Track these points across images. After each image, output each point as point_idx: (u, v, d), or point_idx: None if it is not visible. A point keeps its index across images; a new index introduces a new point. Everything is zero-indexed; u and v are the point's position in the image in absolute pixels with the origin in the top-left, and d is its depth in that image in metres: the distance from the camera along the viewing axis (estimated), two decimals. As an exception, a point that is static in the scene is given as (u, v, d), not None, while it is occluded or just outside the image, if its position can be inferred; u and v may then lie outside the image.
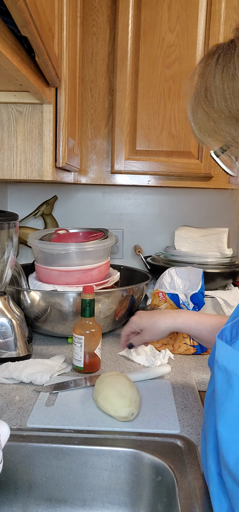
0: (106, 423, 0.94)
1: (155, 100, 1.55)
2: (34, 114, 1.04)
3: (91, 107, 1.61)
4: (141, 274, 1.66)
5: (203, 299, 1.42)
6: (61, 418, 0.95)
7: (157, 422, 0.94)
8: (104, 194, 1.91)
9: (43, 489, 0.87)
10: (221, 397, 0.58)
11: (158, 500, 0.82)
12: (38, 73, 0.88)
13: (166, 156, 1.58)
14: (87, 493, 0.87)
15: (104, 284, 1.42)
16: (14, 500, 0.87)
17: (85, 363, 1.18)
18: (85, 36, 1.57)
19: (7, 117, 1.05)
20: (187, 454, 0.84)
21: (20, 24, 0.62)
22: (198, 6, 1.51)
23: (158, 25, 1.51)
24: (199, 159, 1.58)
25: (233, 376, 0.55)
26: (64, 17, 1.06)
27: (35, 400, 1.03)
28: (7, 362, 1.19)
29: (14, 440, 0.86)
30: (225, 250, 1.67)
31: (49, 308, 1.33)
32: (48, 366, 1.17)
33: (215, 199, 1.91)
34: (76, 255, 1.37)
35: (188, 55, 1.53)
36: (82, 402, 1.02)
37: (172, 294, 1.42)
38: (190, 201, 1.92)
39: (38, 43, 0.72)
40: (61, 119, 1.10)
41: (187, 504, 0.72)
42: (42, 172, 1.06)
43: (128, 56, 1.52)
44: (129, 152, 1.58)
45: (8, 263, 1.23)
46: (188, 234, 1.70)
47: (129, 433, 0.91)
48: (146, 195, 1.92)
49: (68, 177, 1.44)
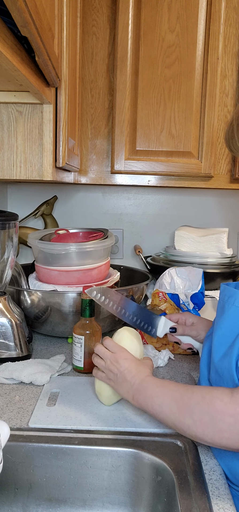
0: (108, 422, 0.94)
1: (155, 100, 1.55)
2: (34, 114, 1.04)
3: (91, 107, 1.61)
4: (141, 274, 1.66)
5: (203, 299, 1.42)
6: (63, 418, 0.95)
7: (157, 422, 0.94)
8: (104, 194, 1.91)
9: (43, 489, 0.87)
10: (218, 318, 0.87)
11: (158, 500, 0.82)
12: (38, 73, 0.88)
13: (166, 156, 1.58)
14: (87, 493, 0.87)
15: (104, 284, 1.42)
16: (14, 500, 0.87)
17: (85, 363, 1.18)
18: (85, 36, 1.57)
19: (7, 117, 1.05)
20: (187, 454, 0.84)
21: (20, 24, 0.62)
22: (198, 6, 1.51)
23: (158, 25, 1.51)
24: (199, 159, 1.58)
25: (225, 303, 0.85)
26: (64, 17, 1.06)
27: (36, 400, 1.03)
28: (7, 362, 1.19)
29: (14, 440, 0.86)
30: (225, 250, 1.67)
31: (49, 308, 1.33)
32: (48, 366, 1.17)
33: (215, 199, 1.91)
34: (76, 255, 1.37)
35: (188, 55, 1.53)
36: (84, 402, 1.02)
37: (172, 294, 1.42)
38: (190, 201, 1.92)
39: (38, 43, 0.72)
40: (61, 119, 1.10)
41: (187, 504, 0.72)
42: (42, 172, 1.06)
43: (128, 56, 1.52)
44: (129, 152, 1.58)
45: (8, 263, 1.23)
46: (188, 234, 1.70)
47: (129, 433, 0.91)
48: (146, 195, 1.92)
49: (68, 177, 1.44)
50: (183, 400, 0.78)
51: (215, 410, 0.73)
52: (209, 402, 0.74)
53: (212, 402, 0.73)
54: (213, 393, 0.75)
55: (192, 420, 0.75)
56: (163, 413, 0.80)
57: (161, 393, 0.82)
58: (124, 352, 0.94)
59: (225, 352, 0.82)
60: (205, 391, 0.77)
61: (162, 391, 0.82)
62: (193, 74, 1.54)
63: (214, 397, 0.74)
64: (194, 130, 1.57)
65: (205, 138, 1.56)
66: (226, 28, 1.55)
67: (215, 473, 0.81)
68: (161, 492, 0.82)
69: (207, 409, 0.74)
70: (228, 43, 1.56)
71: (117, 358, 0.92)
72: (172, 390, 0.81)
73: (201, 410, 0.74)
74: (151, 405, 0.83)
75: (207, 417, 0.73)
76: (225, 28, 1.55)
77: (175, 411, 0.78)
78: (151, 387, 0.84)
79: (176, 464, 0.81)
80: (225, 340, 0.82)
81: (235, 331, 0.81)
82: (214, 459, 0.85)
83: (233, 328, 0.82)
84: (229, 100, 1.59)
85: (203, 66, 1.54)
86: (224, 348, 0.82)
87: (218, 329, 0.85)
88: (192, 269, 1.52)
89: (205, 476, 0.79)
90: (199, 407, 0.75)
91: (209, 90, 1.54)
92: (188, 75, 1.54)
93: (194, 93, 1.55)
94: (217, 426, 0.73)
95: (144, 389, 0.85)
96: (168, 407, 0.79)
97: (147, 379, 0.86)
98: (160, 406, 0.81)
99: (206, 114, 1.55)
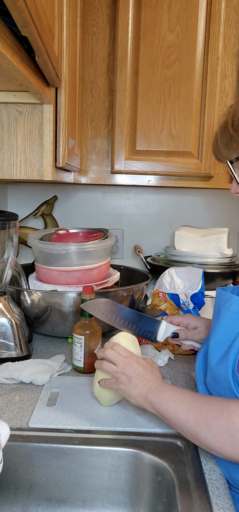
0: (108, 422, 0.94)
1: (155, 100, 1.55)
2: (34, 114, 1.04)
3: (91, 107, 1.61)
4: (141, 274, 1.66)
5: (203, 299, 1.42)
6: (63, 418, 0.95)
7: (157, 422, 0.94)
8: (104, 194, 1.91)
9: (43, 489, 0.87)
10: (214, 323, 0.87)
11: (158, 500, 0.82)
12: (38, 73, 0.88)
13: (166, 156, 1.58)
14: (87, 493, 0.87)
15: (104, 284, 1.42)
16: (14, 500, 0.87)
17: (85, 363, 1.18)
18: (85, 36, 1.57)
19: (7, 117, 1.05)
20: (187, 454, 0.84)
21: (20, 24, 0.62)
22: (198, 6, 1.51)
23: (158, 25, 1.51)
24: (199, 159, 1.58)
25: (221, 308, 0.85)
26: (64, 17, 1.06)
27: (36, 400, 1.03)
28: (7, 362, 1.19)
29: (14, 440, 0.86)
30: (225, 250, 1.67)
31: (49, 308, 1.33)
32: (48, 366, 1.17)
33: (215, 199, 1.91)
34: (76, 255, 1.37)
35: (188, 55, 1.53)
36: (84, 402, 1.03)
37: (172, 294, 1.42)
38: (190, 201, 1.92)
39: (38, 43, 0.72)
40: (61, 119, 1.10)
41: (187, 504, 0.72)
42: (42, 172, 1.06)
43: (128, 56, 1.52)
44: (129, 152, 1.58)
45: (8, 263, 1.23)
46: (188, 234, 1.70)
47: (129, 433, 0.91)
48: (146, 195, 1.92)
49: (68, 177, 1.44)
50: (201, 411, 0.76)
51: (234, 427, 0.71)
52: (228, 418, 0.72)
53: (231, 418, 0.72)
54: (231, 407, 0.73)
55: (209, 434, 0.74)
56: (179, 419, 0.79)
57: (179, 400, 0.80)
58: (137, 357, 0.94)
59: (221, 358, 0.81)
60: (222, 404, 0.75)
61: (180, 398, 0.81)
62: (193, 74, 1.54)
63: (232, 412, 0.72)
64: (194, 130, 1.57)
65: (205, 138, 1.56)
66: (226, 28, 1.55)
67: (215, 473, 0.81)
68: (161, 492, 0.82)
69: (225, 425, 0.72)
70: (228, 43, 1.56)
71: (132, 362, 0.92)
72: (189, 399, 0.80)
73: (220, 426, 0.73)
74: (166, 409, 0.81)
75: (226, 435, 0.72)
76: (225, 28, 1.54)
77: (192, 421, 0.77)
78: (169, 391, 0.83)
79: (176, 464, 0.81)
80: (221, 345, 0.82)
81: (231, 336, 0.81)
82: (214, 459, 0.85)
83: (229, 334, 0.81)
84: (229, 100, 1.59)
85: (203, 66, 1.54)
86: (220, 354, 0.82)
87: (214, 335, 0.85)
88: (192, 269, 1.52)
89: (205, 476, 0.79)
90: (218, 422, 0.73)
91: (209, 90, 1.54)
92: (188, 75, 1.54)
93: (194, 93, 1.55)
94: (236, 443, 0.71)
95: (161, 393, 0.84)
96: (184, 414, 0.78)
97: (165, 384, 0.87)
98: (176, 412, 0.80)
99: (206, 114, 1.55)
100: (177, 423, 0.80)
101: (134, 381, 0.89)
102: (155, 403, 0.84)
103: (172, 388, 0.85)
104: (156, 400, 0.84)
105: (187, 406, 0.79)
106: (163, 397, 0.83)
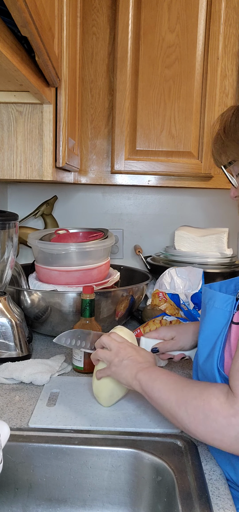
0: (108, 422, 0.94)
1: (155, 100, 1.55)
2: (34, 114, 1.04)
3: (91, 107, 1.61)
4: (141, 274, 1.66)
5: (203, 299, 1.42)
6: (63, 418, 0.95)
7: (157, 422, 0.94)
8: (104, 194, 1.91)
9: (43, 489, 0.87)
10: (201, 321, 0.89)
11: (158, 500, 0.82)
12: (38, 73, 0.88)
13: (166, 156, 1.58)
14: (87, 493, 0.87)
15: (104, 284, 1.42)
16: (14, 500, 0.87)
17: (85, 363, 1.18)
18: (85, 36, 1.57)
19: (7, 117, 1.05)
20: (187, 454, 0.84)
21: (20, 24, 0.62)
22: (198, 6, 1.51)
23: (158, 25, 1.51)
24: (199, 159, 1.58)
25: (206, 306, 0.87)
26: (64, 17, 1.06)
27: (36, 400, 1.03)
28: (7, 362, 1.18)
29: (14, 440, 0.86)
30: (225, 250, 1.67)
31: (49, 308, 1.33)
32: (48, 366, 1.17)
33: (215, 199, 1.91)
34: (76, 255, 1.37)
35: (188, 55, 1.53)
36: (84, 402, 1.02)
37: (172, 294, 1.42)
38: (190, 201, 1.92)
39: (38, 43, 0.72)
40: (61, 119, 1.10)
41: (187, 504, 0.72)
42: (42, 172, 1.06)
43: (128, 56, 1.52)
44: (129, 152, 1.58)
45: (8, 263, 1.23)
46: (188, 234, 1.70)
47: (129, 433, 0.91)
48: (146, 195, 1.92)
49: (68, 177, 1.44)
50: (182, 392, 0.78)
51: (209, 408, 0.72)
52: (205, 399, 0.73)
53: (208, 400, 0.73)
54: (211, 390, 0.74)
55: (186, 414, 0.75)
56: (161, 398, 0.80)
57: (165, 380, 0.82)
58: (132, 344, 0.96)
59: (208, 354, 0.83)
60: (204, 386, 0.76)
61: (167, 379, 0.82)
62: (193, 74, 1.54)
63: (211, 393, 0.73)
64: (194, 130, 1.57)
65: (205, 138, 1.56)
66: (226, 28, 1.55)
67: (215, 473, 0.81)
68: (161, 492, 0.82)
69: (202, 406, 0.73)
70: (228, 43, 1.56)
71: (126, 346, 0.94)
72: (175, 381, 0.81)
73: (196, 406, 0.74)
74: (151, 387, 0.83)
75: (201, 415, 0.73)
76: (225, 28, 1.54)
77: (172, 400, 0.78)
78: (158, 372, 0.85)
79: (176, 464, 0.81)
80: (208, 342, 0.84)
81: (216, 332, 0.82)
82: (214, 459, 0.85)
83: (215, 330, 0.83)
84: (229, 100, 1.59)
85: (203, 66, 1.54)
86: (207, 350, 0.83)
87: (201, 332, 0.87)
88: (192, 269, 1.52)
89: (205, 476, 0.79)
90: (195, 403, 0.74)
91: (209, 90, 1.54)
92: (188, 75, 1.54)
93: (194, 93, 1.55)
94: (209, 425, 0.72)
95: (150, 372, 0.86)
96: (167, 394, 0.79)
97: (156, 366, 0.89)
98: (159, 391, 0.81)
99: (206, 114, 1.55)
100: (159, 402, 0.81)
101: (125, 362, 0.91)
102: (143, 381, 0.85)
103: (161, 370, 0.86)
104: (144, 378, 0.85)
105: (171, 387, 0.80)
106: (151, 376, 0.85)
